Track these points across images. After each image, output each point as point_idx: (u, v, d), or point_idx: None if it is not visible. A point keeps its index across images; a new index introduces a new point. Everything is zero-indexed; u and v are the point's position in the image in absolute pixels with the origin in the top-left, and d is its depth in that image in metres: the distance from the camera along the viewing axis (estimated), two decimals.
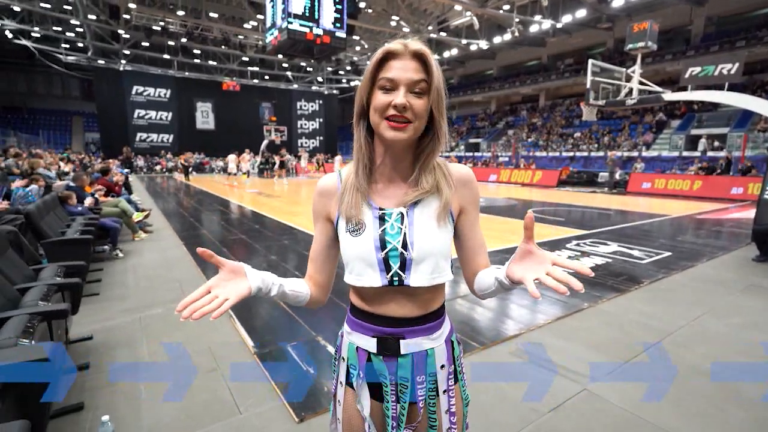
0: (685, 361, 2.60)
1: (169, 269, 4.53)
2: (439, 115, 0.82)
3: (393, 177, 0.88)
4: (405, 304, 0.87)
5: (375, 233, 0.84)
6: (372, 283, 0.85)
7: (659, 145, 19.75)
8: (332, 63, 28.22)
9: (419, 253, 0.83)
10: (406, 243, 0.83)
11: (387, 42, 4.44)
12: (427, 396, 0.89)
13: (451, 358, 0.93)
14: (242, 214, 8.77)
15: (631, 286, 4.05)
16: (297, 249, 5.61)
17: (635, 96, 7.86)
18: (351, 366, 0.92)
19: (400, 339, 0.87)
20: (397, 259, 0.83)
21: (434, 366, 0.89)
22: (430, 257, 0.83)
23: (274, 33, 15.03)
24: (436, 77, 0.79)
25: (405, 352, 0.87)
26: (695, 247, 5.98)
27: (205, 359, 2.55)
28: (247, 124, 29.37)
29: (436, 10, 21.67)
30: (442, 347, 0.91)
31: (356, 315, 0.92)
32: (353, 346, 0.92)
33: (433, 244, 0.83)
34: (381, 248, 0.83)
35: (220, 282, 0.81)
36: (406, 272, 0.83)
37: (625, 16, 21.31)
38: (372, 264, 0.84)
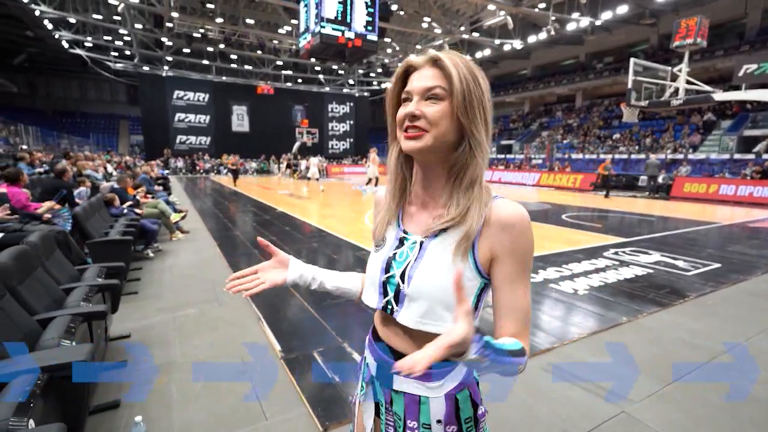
0: (735, 386, 2.40)
1: (203, 269, 4.69)
2: (468, 122, 0.73)
3: (426, 200, 0.82)
4: (403, 338, 0.82)
5: (388, 253, 0.82)
6: (370, 302, 0.85)
7: (707, 147, 18.56)
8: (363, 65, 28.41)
9: (413, 290, 0.76)
10: (404, 274, 0.78)
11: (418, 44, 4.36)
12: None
13: (454, 417, 0.81)
14: (274, 215, 8.97)
15: (675, 300, 3.80)
16: (326, 252, 5.66)
17: (681, 96, 7.41)
18: (363, 381, 0.93)
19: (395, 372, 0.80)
20: (393, 288, 0.80)
21: (428, 417, 0.81)
22: (424, 299, 0.75)
23: (307, 37, 15.31)
24: (456, 80, 0.72)
25: (397, 389, 0.83)
26: (748, 258, 5.55)
27: (233, 362, 2.60)
28: (280, 126, 30.10)
29: (468, 11, 21.36)
30: (440, 401, 0.81)
31: (372, 332, 0.93)
32: (366, 360, 0.93)
33: (431, 287, 0.74)
34: (385, 271, 0.81)
35: (268, 268, 0.95)
36: (398, 305, 0.79)
37: (671, 11, 20.21)
38: (375, 283, 0.83)
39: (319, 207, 10.70)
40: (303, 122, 26.07)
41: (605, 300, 3.78)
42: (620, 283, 4.29)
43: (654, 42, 23.40)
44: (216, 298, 3.76)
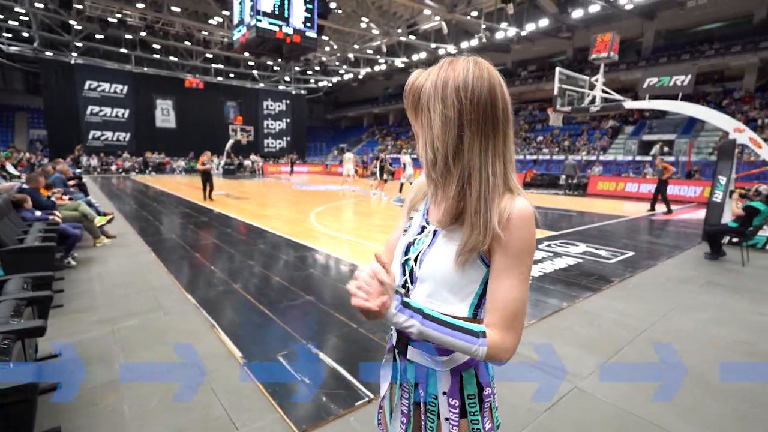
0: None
1: (140, 276, 4.29)
2: (414, 127, 0.85)
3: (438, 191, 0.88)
4: None
5: (410, 238, 0.90)
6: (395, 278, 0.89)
7: (615, 150, 20.93)
8: (300, 63, 27.80)
9: (423, 272, 0.85)
10: (417, 258, 0.86)
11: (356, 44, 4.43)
12: (428, 419, 0.90)
13: (458, 391, 0.87)
14: (212, 216, 8.45)
15: (603, 285, 4.26)
16: (274, 254, 5.47)
17: (598, 103, 8.29)
18: (387, 349, 0.98)
19: (409, 344, 0.90)
20: (410, 269, 0.88)
21: (435, 389, 0.88)
22: (431, 281, 0.83)
23: (242, 30, 14.60)
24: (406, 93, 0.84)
25: (410, 358, 0.90)
26: (654, 246, 6.37)
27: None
28: (211, 123, 28.37)
29: (405, 14, 21.84)
30: (447, 375, 0.87)
31: None
32: (391, 332, 0.98)
33: (435, 270, 0.82)
34: (405, 253, 0.90)
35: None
36: (412, 285, 0.87)
37: (584, 27, 22.42)
38: (398, 263, 0.91)
39: (260, 207, 10.28)
40: (237, 119, 24.78)
41: (546, 288, 4.12)
42: (557, 273, 4.70)
43: (570, 54, 25.81)
44: (160, 306, 3.47)
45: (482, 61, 0.78)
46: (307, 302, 3.66)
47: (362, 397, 2.21)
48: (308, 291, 3.94)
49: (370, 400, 2.18)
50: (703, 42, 20.67)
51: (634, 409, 2.15)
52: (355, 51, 25.29)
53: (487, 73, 0.76)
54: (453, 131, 0.76)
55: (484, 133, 0.76)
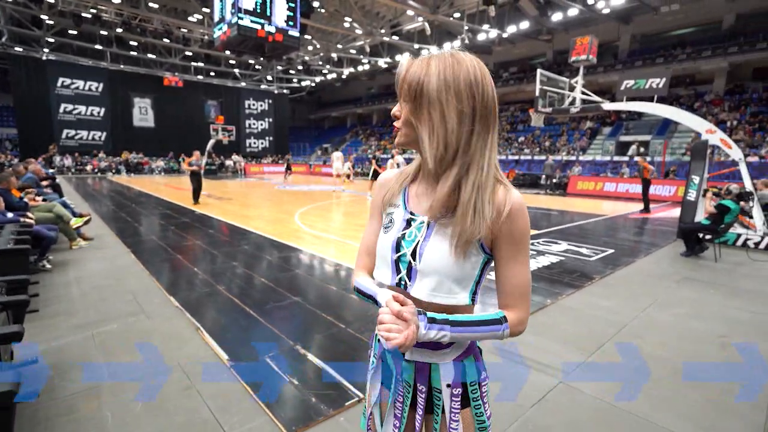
0: (643, 350, 2.85)
1: (120, 279, 4.16)
2: (416, 120, 0.79)
3: (431, 184, 0.87)
4: None
5: (397, 234, 0.87)
6: (383, 279, 0.88)
7: (593, 150, 21.45)
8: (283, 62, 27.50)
9: (424, 266, 0.82)
10: (415, 252, 0.84)
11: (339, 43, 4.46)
12: (434, 411, 0.91)
13: (460, 381, 0.89)
14: (193, 217, 8.28)
15: (585, 282, 4.36)
16: (258, 254, 5.40)
17: (578, 105, 8.48)
18: (374, 356, 0.97)
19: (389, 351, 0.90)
20: (406, 265, 0.85)
21: (438, 382, 0.88)
22: (435, 274, 0.81)
23: (222, 28, 14.35)
24: (401, 81, 0.81)
25: (409, 359, 0.90)
26: (632, 244, 6.57)
27: (176, 377, 2.38)
28: (192, 122, 27.84)
29: (388, 14, 21.89)
30: (449, 366, 0.88)
31: None
32: (377, 337, 0.96)
33: (439, 263, 0.81)
34: (396, 250, 0.86)
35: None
36: (411, 281, 0.85)
37: (563, 30, 22.93)
38: (387, 262, 0.88)
39: (243, 208, 10.13)
40: (218, 119, 24.34)
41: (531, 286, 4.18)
42: (540, 270, 4.79)
43: (550, 56, 26.32)
44: (142, 309, 3.38)
45: (478, 59, 0.81)
46: (293, 303, 3.62)
47: (352, 396, 2.20)
48: (294, 292, 3.91)
49: (360, 399, 2.18)
50: (676, 46, 21.39)
51: (616, 402, 2.21)
52: (339, 51, 25.20)
53: (485, 70, 0.80)
54: (467, 127, 0.78)
55: (486, 127, 0.80)
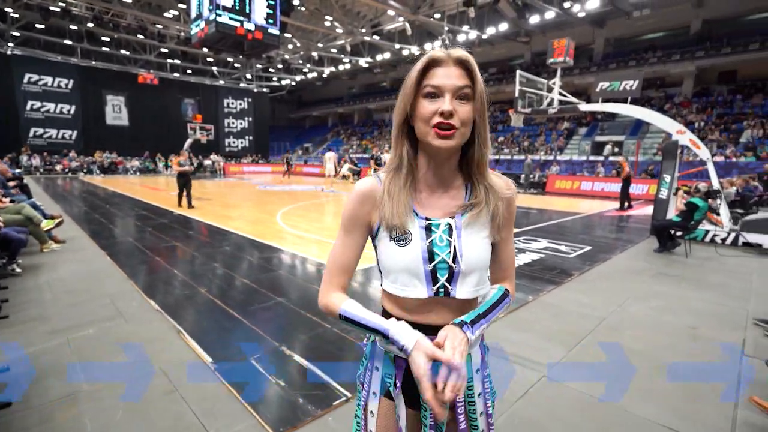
0: (621, 344, 2.95)
1: (96, 283, 4.03)
2: (482, 121, 0.83)
3: (436, 186, 0.88)
4: (446, 314, 0.87)
5: (423, 244, 0.83)
6: (417, 294, 0.84)
7: (570, 150, 21.99)
8: (263, 60, 27.11)
9: (468, 266, 0.83)
10: (455, 255, 0.83)
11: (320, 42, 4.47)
12: (467, 402, 0.89)
13: (485, 362, 0.95)
14: (172, 219, 8.07)
15: (565, 279, 4.47)
16: (240, 255, 5.32)
17: (556, 105, 8.69)
18: (386, 375, 0.92)
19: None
20: (445, 272, 0.83)
21: (470, 371, 0.90)
22: (477, 270, 0.85)
23: (200, 25, 14.04)
24: (479, 84, 0.80)
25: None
26: (609, 241, 6.77)
27: (159, 382, 2.32)
28: (168, 121, 27.08)
29: (369, 14, 21.86)
30: (477, 352, 0.92)
31: None
32: (390, 355, 0.91)
33: (480, 257, 0.85)
34: (429, 260, 0.83)
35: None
36: (452, 284, 0.84)
37: (540, 32, 23.42)
38: (419, 275, 0.83)
39: (224, 208, 9.94)
40: (196, 117, 23.77)
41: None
42: (522, 268, 4.89)
43: (528, 58, 26.82)
44: (120, 313, 3.28)
45: None
46: (277, 304, 3.58)
47: (339, 396, 2.20)
48: (278, 292, 3.87)
49: (348, 399, 2.18)
50: (647, 50, 22.14)
51: (597, 393, 2.28)
52: (319, 50, 25.01)
53: None
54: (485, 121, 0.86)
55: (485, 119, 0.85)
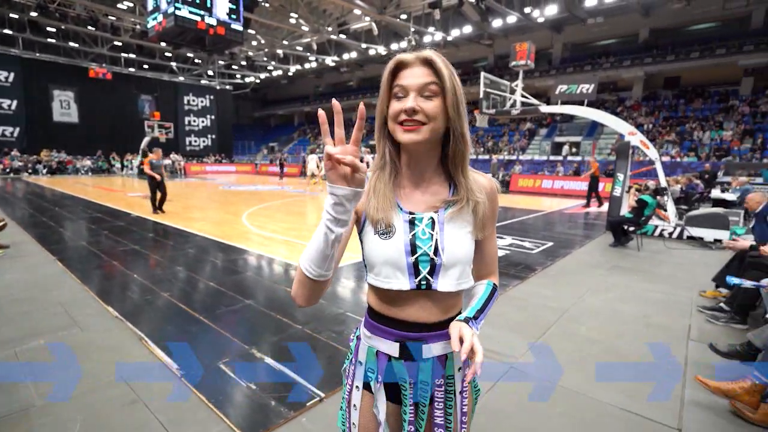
0: (581, 333, 3.11)
1: (46, 290, 3.77)
2: (456, 116, 0.83)
3: (419, 182, 0.90)
4: (429, 308, 0.88)
5: (405, 237, 0.85)
6: (400, 286, 0.85)
7: (532, 150, 22.85)
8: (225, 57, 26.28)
9: (449, 259, 0.84)
10: (437, 248, 0.84)
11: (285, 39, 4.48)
12: (446, 398, 0.91)
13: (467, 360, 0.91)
14: (129, 221, 7.68)
15: (529, 274, 4.65)
16: (207, 258, 5.14)
17: (518, 107, 9.00)
18: (369, 370, 0.92)
19: (423, 344, 0.88)
20: (427, 264, 0.84)
21: (452, 369, 0.92)
22: (458, 264, 0.85)
23: (157, 18, 13.42)
24: (447, 79, 0.81)
25: (427, 357, 0.89)
26: (568, 236, 7.10)
27: (120, 391, 2.21)
28: (123, 118, 25.70)
29: (336, 12, 21.71)
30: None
31: (377, 319, 0.92)
32: (373, 350, 0.92)
33: (462, 251, 0.86)
34: (411, 252, 0.84)
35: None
36: (434, 277, 0.85)
37: (503, 36, 24.14)
38: (401, 268, 0.85)
39: (185, 209, 9.56)
40: (154, 115, 22.72)
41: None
42: None
43: (491, 60, 27.58)
44: (74, 322, 3.09)
45: None
46: (245, 306, 3.50)
47: (313, 396, 2.19)
48: (246, 294, 3.78)
49: (322, 399, 2.17)
50: (601, 55, 23.36)
51: (561, 381, 2.40)
52: (284, 47, 24.58)
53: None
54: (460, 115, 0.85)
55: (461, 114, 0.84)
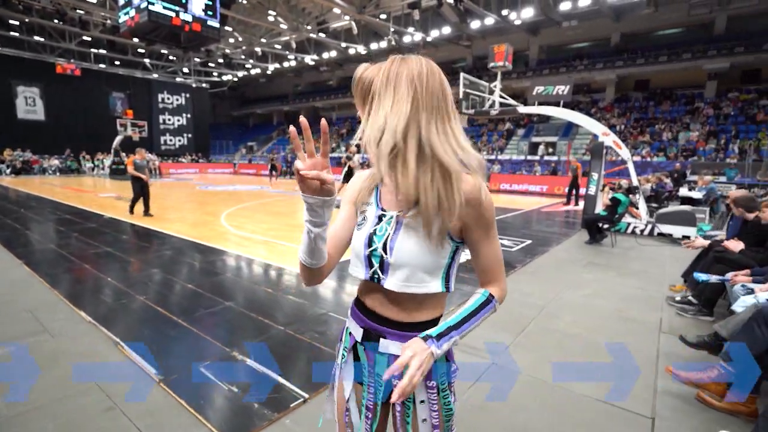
0: (559, 328, 3.19)
1: (11, 295, 3.60)
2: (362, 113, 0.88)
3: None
4: (388, 305, 0.91)
5: (368, 230, 0.89)
6: (358, 274, 0.91)
7: (510, 150, 23.28)
8: (201, 54, 25.68)
9: (396, 259, 0.84)
10: (386, 246, 0.86)
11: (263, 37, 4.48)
12: (404, 403, 0.91)
13: (433, 373, 0.90)
14: (101, 223, 7.41)
15: (509, 271, 4.74)
16: (184, 260, 5.02)
17: (497, 107, 9.15)
18: (344, 349, 0.99)
19: (381, 337, 0.91)
20: (378, 259, 0.87)
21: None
22: (406, 266, 0.84)
23: (130, 13, 13.00)
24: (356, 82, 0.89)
25: (383, 351, 0.91)
26: (546, 234, 7.27)
27: (95, 398, 2.13)
28: (94, 116, 24.73)
29: (315, 11, 21.53)
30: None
31: (355, 303, 1.00)
32: (348, 330, 1.00)
33: (410, 255, 0.84)
34: (368, 245, 0.89)
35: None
36: (384, 274, 0.87)
37: (481, 37, 24.48)
38: (360, 258, 0.90)
39: (161, 210, 9.28)
40: (127, 113, 21.96)
41: (462, 277, 4.44)
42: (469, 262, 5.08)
43: (470, 61, 27.93)
44: (44, 328, 2.96)
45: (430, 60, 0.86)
46: (226, 308, 3.44)
47: (296, 398, 2.17)
48: (225, 296, 3.71)
49: (305, 400, 2.16)
50: (575, 58, 24.01)
51: (541, 375, 2.46)
52: (263, 45, 24.22)
53: (436, 68, 0.85)
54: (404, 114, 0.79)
55: (440, 117, 0.81)
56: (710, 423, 2.07)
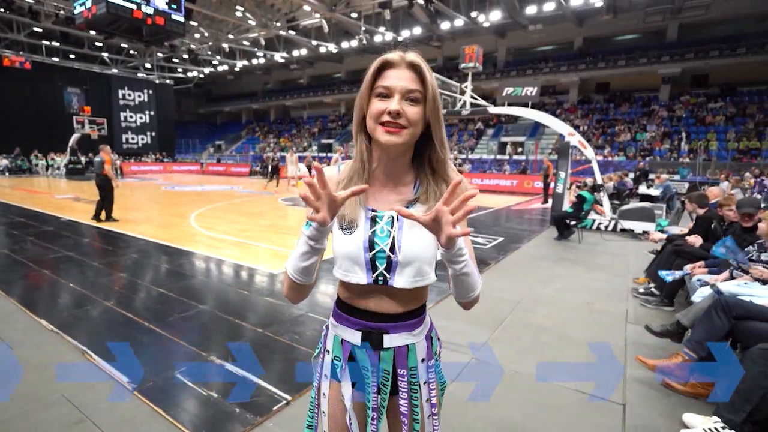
0: (534, 322, 3.30)
1: None
2: (435, 122, 0.86)
3: (387, 181, 0.92)
4: (388, 301, 0.92)
5: (365, 234, 0.88)
6: (358, 280, 0.89)
7: (480, 150, 23.80)
8: (165, 49, 24.70)
9: (405, 257, 0.86)
10: (393, 246, 0.87)
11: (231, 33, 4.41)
12: (410, 388, 0.95)
13: (431, 352, 0.98)
14: (59, 226, 6.99)
15: (484, 268, 4.85)
16: (153, 263, 4.82)
17: (468, 108, 9.34)
18: (335, 358, 0.96)
19: (384, 334, 0.92)
20: (384, 261, 0.87)
21: (415, 360, 0.94)
22: (415, 262, 0.87)
23: (86, 4, 12.32)
24: (431, 87, 0.84)
25: (388, 346, 0.92)
26: (517, 231, 7.49)
27: (63, 411, 2.02)
28: (46, 112, 23.26)
29: (284, 7, 21.15)
30: (423, 343, 0.96)
31: (342, 309, 0.96)
32: (338, 338, 0.96)
33: (419, 249, 0.87)
34: (369, 249, 0.87)
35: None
36: (390, 274, 0.87)
37: (451, 38, 24.87)
38: (359, 263, 0.88)
39: (124, 211, 8.87)
40: (84, 109, 20.80)
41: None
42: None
43: (440, 62, 28.29)
44: (0, 339, 2.77)
45: None
46: (200, 312, 3.34)
47: (279, 401, 2.14)
48: (200, 300, 3.60)
49: (288, 402, 2.13)
50: (541, 60, 24.84)
51: (518, 368, 2.54)
52: (230, 41, 23.57)
53: None
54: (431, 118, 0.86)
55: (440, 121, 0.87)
56: (675, 406, 2.20)
